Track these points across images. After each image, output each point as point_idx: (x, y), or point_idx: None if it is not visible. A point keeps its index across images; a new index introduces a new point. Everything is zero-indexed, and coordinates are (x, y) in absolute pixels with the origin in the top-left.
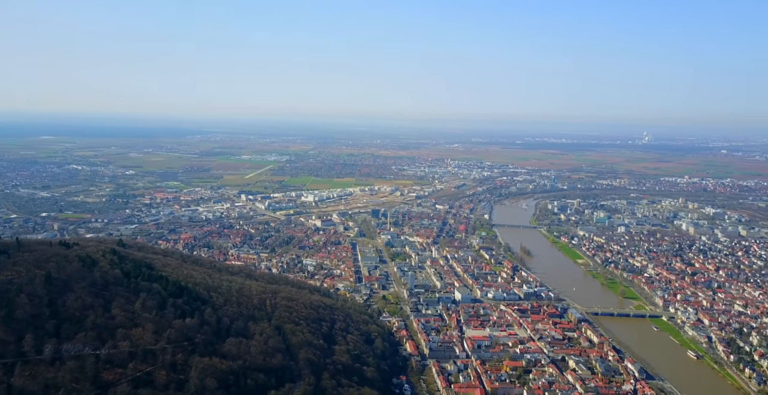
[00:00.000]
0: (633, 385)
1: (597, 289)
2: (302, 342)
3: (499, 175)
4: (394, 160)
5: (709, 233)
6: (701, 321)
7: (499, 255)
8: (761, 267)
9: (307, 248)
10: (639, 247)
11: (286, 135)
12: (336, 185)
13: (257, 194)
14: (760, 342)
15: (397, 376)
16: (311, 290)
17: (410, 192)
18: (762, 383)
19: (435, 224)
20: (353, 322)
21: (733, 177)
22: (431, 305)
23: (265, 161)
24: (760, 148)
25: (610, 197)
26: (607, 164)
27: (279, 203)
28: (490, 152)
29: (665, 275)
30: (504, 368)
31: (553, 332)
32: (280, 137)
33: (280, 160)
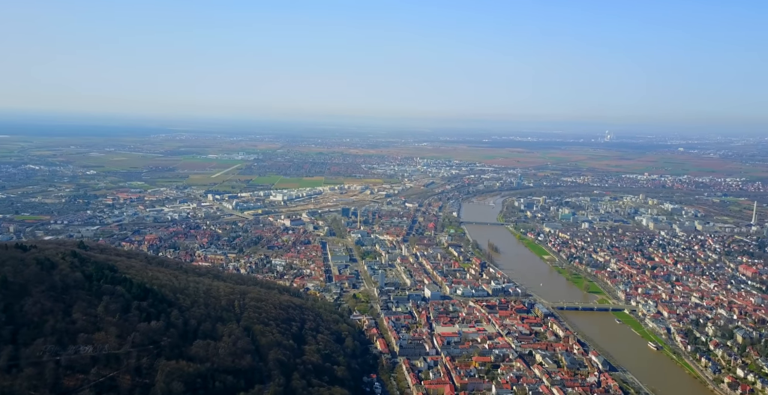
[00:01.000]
0: (597, 377)
1: (562, 284)
2: (272, 343)
3: (467, 173)
4: (364, 158)
5: (667, 228)
6: (661, 313)
7: (468, 252)
8: (716, 260)
9: (276, 248)
10: (602, 242)
11: (253, 134)
12: (305, 184)
13: (224, 193)
14: (715, 332)
15: (368, 374)
16: (281, 290)
17: (380, 191)
18: (717, 371)
19: (405, 223)
20: (323, 321)
21: (689, 174)
22: (401, 302)
23: (232, 160)
24: (713, 146)
25: (574, 194)
26: (571, 161)
27: (247, 202)
28: (457, 150)
29: (627, 269)
30: (473, 363)
31: (521, 327)
32: (247, 136)
33: (247, 159)
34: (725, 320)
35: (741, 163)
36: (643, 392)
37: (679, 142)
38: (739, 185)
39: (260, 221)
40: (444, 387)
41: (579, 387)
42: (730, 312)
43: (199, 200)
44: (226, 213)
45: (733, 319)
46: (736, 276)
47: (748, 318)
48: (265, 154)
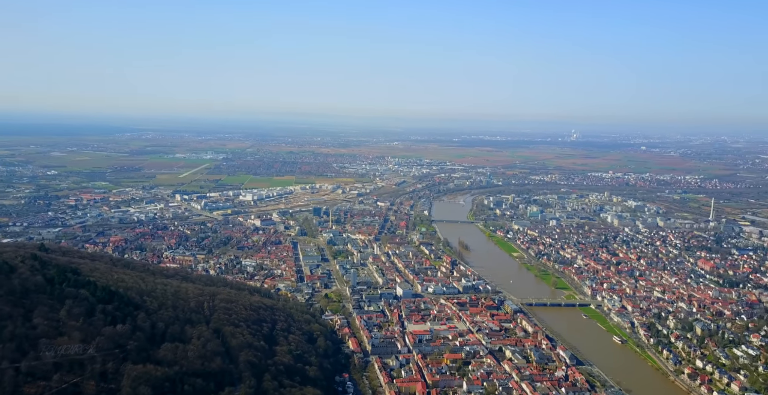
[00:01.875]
0: (564, 371)
1: (531, 281)
2: (242, 344)
3: (438, 172)
4: (335, 158)
5: (631, 225)
6: (625, 307)
7: (439, 250)
8: (676, 255)
9: (246, 248)
10: (569, 239)
11: (222, 133)
12: (276, 184)
13: (193, 193)
14: (676, 325)
15: (340, 374)
16: (251, 291)
17: (352, 190)
18: (678, 363)
19: (377, 221)
20: (295, 322)
21: (651, 172)
22: (373, 301)
23: (200, 159)
24: (674, 144)
25: (542, 192)
26: (539, 160)
27: (216, 202)
28: (428, 149)
29: (593, 265)
30: (444, 361)
31: (491, 323)
32: (216, 135)
33: (216, 158)
34: (685, 313)
35: (699, 161)
36: (608, 384)
37: (642, 141)
38: (697, 183)
39: (230, 222)
40: (416, 385)
41: (547, 381)
42: (689, 305)
43: (166, 200)
44: (194, 214)
45: (693, 312)
46: (695, 271)
47: (706, 310)
48: (234, 153)
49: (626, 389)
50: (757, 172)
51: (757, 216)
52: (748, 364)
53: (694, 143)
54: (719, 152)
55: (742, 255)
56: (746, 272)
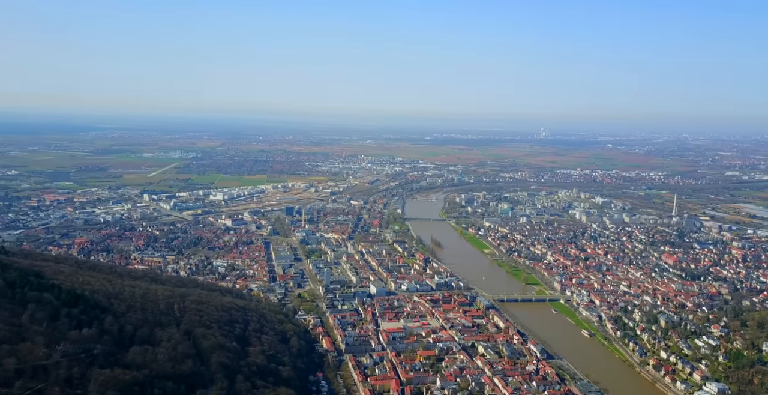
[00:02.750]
0: (535, 365)
1: (503, 277)
2: (214, 346)
3: (411, 170)
4: (308, 156)
5: (598, 221)
6: (593, 301)
7: (412, 248)
8: (641, 250)
9: (217, 248)
10: (539, 236)
11: (191, 131)
12: (247, 183)
13: (161, 193)
14: (641, 317)
15: (314, 373)
16: (223, 292)
17: (325, 188)
18: (643, 354)
19: (350, 220)
20: (268, 322)
21: (617, 169)
22: (347, 300)
23: (169, 158)
24: (638, 142)
25: (512, 189)
26: (509, 158)
27: (186, 202)
28: (401, 148)
29: (562, 261)
30: (418, 358)
31: (464, 320)
32: (185, 134)
33: (185, 157)
34: (650, 306)
35: (662, 158)
36: (577, 377)
37: (608, 138)
38: (661, 179)
39: (200, 222)
40: (390, 383)
41: (519, 375)
42: (654, 299)
43: (134, 200)
44: (163, 214)
45: (657, 305)
46: (659, 265)
47: (670, 303)
48: (204, 152)
49: (594, 381)
50: (716, 168)
51: (717, 211)
52: (708, 354)
53: (658, 141)
54: (681, 149)
55: (703, 249)
56: (707, 266)
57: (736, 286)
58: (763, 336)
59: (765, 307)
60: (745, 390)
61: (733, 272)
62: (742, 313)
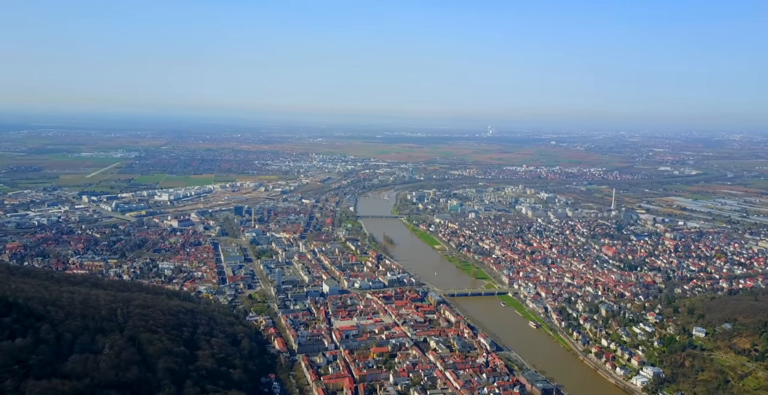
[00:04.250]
0: (485, 358)
1: (453, 272)
2: (161, 351)
3: (362, 168)
4: (257, 154)
5: (543, 216)
6: (539, 294)
7: (365, 246)
8: (584, 243)
9: (163, 250)
10: (487, 231)
11: (133, 130)
12: (193, 183)
13: (102, 194)
14: (584, 308)
15: (266, 375)
16: (170, 295)
17: (275, 187)
18: (586, 343)
19: (302, 219)
20: (218, 325)
21: (560, 165)
22: (299, 300)
23: (110, 158)
24: (580, 139)
25: (461, 186)
26: (458, 155)
27: (128, 203)
28: (352, 145)
29: (510, 255)
30: (371, 355)
31: (416, 315)
32: (126, 132)
33: (128, 157)
34: (592, 296)
35: (602, 155)
36: (525, 368)
37: (551, 136)
38: (601, 175)
39: (144, 223)
40: (343, 381)
41: (470, 368)
42: (595, 289)
43: (72, 202)
44: (104, 216)
45: (598, 295)
46: (600, 256)
47: (609, 293)
48: (147, 151)
49: (541, 371)
50: (650, 164)
51: (651, 205)
52: (645, 340)
53: (597, 138)
54: (619, 146)
55: (639, 241)
56: (643, 257)
57: (669, 275)
58: (693, 321)
59: (694, 294)
60: (677, 373)
61: (666, 262)
62: (674, 300)
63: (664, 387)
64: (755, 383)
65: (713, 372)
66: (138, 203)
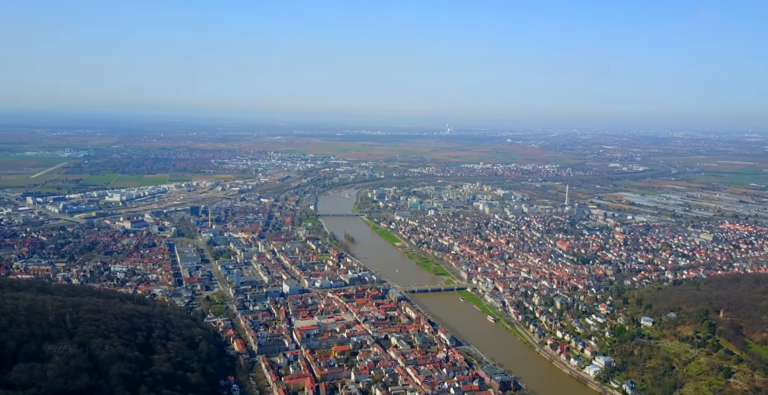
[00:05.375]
0: (445, 353)
1: (413, 269)
2: (113, 357)
3: (322, 166)
4: (213, 153)
5: (500, 212)
6: (497, 288)
7: (325, 244)
8: (539, 238)
9: (115, 253)
10: (446, 227)
11: (82, 128)
12: (147, 182)
13: (48, 195)
14: (540, 301)
15: (225, 377)
16: (123, 298)
17: (233, 186)
18: (542, 335)
19: (261, 219)
20: (174, 328)
21: (516, 162)
22: (259, 300)
23: (56, 157)
24: (534, 137)
25: (421, 183)
26: (417, 153)
27: (77, 204)
28: (312, 144)
29: (468, 251)
30: (333, 353)
31: (377, 313)
32: (74, 130)
33: (76, 156)
34: (547, 290)
35: (555, 152)
36: (484, 361)
37: (507, 134)
38: (555, 171)
39: (95, 225)
40: (304, 381)
41: (430, 364)
42: (551, 283)
43: (15, 204)
44: (51, 218)
45: (553, 288)
46: (554, 251)
47: (564, 286)
48: (97, 150)
49: (499, 364)
50: (601, 161)
51: (602, 200)
52: (597, 331)
53: (551, 136)
54: (571, 143)
55: (591, 235)
56: (595, 250)
57: (619, 268)
58: (641, 311)
59: (642, 285)
60: (627, 362)
61: (616, 255)
62: (624, 292)
63: (614, 376)
64: (697, 368)
65: (660, 359)
66: (87, 204)
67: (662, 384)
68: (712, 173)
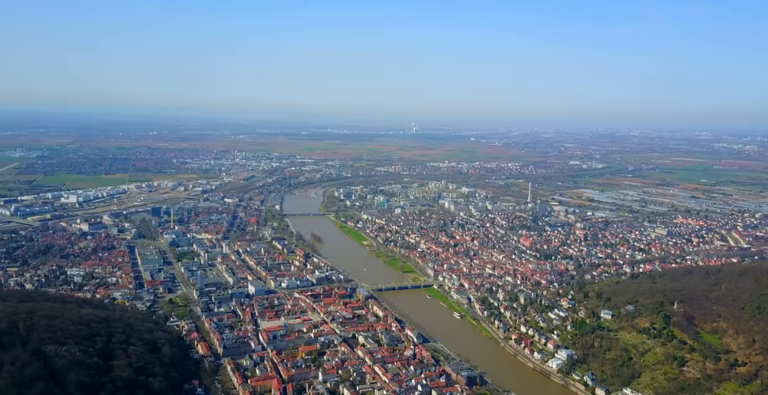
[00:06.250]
0: (413, 350)
1: (381, 267)
2: (71, 364)
3: (288, 165)
4: (175, 153)
5: (465, 210)
6: (463, 285)
7: (292, 244)
8: (503, 235)
9: (72, 256)
10: (413, 225)
11: (34, 127)
12: (105, 183)
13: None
14: (504, 297)
15: (189, 381)
16: (80, 303)
17: (195, 187)
18: (506, 330)
19: (225, 219)
20: (135, 332)
21: (480, 161)
22: (224, 302)
23: (7, 157)
24: (498, 135)
25: (387, 182)
26: (383, 152)
27: (30, 206)
28: (277, 142)
29: (434, 248)
30: (300, 354)
31: (344, 312)
32: (27, 129)
33: (29, 156)
34: (511, 285)
35: (518, 150)
36: (450, 357)
37: (471, 132)
38: (518, 169)
39: (50, 228)
40: (271, 382)
41: (397, 361)
42: (515, 278)
43: None
44: (2, 221)
45: (517, 284)
46: (518, 247)
47: (527, 281)
48: (52, 150)
49: (466, 359)
50: (562, 158)
51: (563, 197)
52: (559, 325)
53: (514, 134)
54: (533, 141)
55: (553, 231)
56: (557, 246)
57: (579, 262)
58: (601, 304)
59: (602, 279)
60: (588, 354)
61: (577, 250)
62: (584, 286)
63: (576, 368)
64: (654, 358)
65: (619, 350)
66: (42, 206)
67: (621, 375)
68: (666, 170)
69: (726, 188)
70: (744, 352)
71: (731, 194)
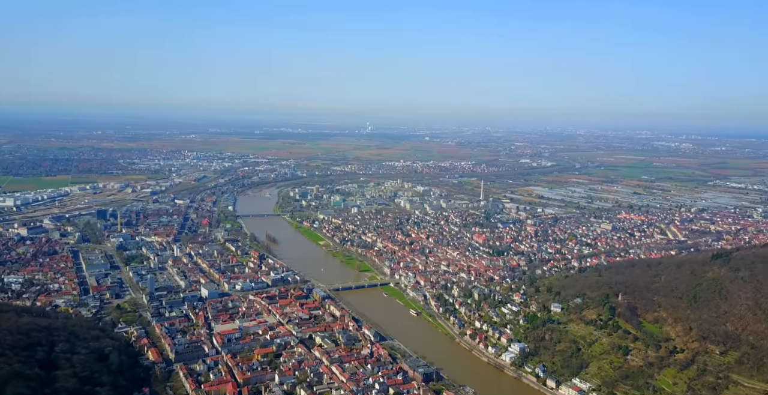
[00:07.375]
0: (370, 349)
1: (338, 266)
2: (9, 375)
3: (241, 165)
4: (122, 153)
5: (420, 208)
6: (419, 282)
7: (246, 246)
8: (457, 232)
9: (9, 262)
10: (369, 224)
11: None
12: (45, 185)
13: None
14: (459, 293)
15: (139, 389)
16: (19, 312)
17: (144, 188)
18: (461, 326)
19: (175, 221)
20: (80, 340)
21: (434, 160)
22: (176, 306)
23: None
24: (451, 135)
25: (343, 181)
26: (339, 151)
27: None
28: (229, 142)
29: (391, 246)
30: (255, 357)
31: (301, 313)
32: None
33: None
34: (466, 282)
35: (471, 149)
36: (407, 354)
37: (426, 132)
38: (471, 168)
39: None
40: (226, 386)
41: (355, 360)
42: (469, 275)
43: None
44: None
45: (471, 280)
46: (472, 244)
47: (481, 277)
48: None
49: (422, 356)
50: (513, 157)
51: (515, 194)
52: (512, 319)
53: (467, 133)
54: (485, 140)
55: (505, 228)
56: (509, 242)
57: (531, 258)
58: (551, 298)
59: (552, 274)
60: (539, 346)
61: (528, 246)
62: (535, 281)
63: (528, 360)
64: (600, 348)
65: (568, 342)
66: None
67: (570, 366)
68: (610, 168)
69: (665, 184)
70: (682, 339)
71: (669, 190)
